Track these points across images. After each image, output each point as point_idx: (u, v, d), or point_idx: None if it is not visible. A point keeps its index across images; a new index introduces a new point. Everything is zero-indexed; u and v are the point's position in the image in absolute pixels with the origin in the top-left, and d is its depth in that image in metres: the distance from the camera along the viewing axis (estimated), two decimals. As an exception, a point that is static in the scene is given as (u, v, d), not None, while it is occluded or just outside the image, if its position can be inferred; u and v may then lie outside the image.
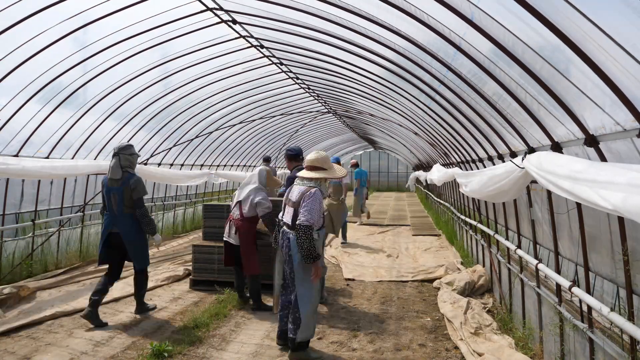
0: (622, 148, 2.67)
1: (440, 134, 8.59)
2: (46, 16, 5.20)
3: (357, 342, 4.79)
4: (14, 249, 7.00)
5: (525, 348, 4.38)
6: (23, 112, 6.35)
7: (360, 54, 6.85)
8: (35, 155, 7.05)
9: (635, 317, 2.77)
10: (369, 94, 9.91)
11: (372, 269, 8.13)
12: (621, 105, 2.38)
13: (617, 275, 3.01)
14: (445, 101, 6.09)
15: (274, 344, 4.69)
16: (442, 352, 4.57)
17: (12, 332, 4.83)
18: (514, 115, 4.13)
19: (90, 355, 4.33)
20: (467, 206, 8.92)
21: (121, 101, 8.01)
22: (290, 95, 12.40)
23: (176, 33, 6.73)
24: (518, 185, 3.58)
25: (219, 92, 9.94)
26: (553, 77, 3.13)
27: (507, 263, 5.54)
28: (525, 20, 2.90)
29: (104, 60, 6.72)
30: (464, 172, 5.79)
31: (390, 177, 35.41)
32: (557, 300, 3.87)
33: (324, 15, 5.64)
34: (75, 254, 8.15)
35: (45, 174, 6.46)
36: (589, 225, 3.32)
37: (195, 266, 6.71)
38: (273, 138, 16.52)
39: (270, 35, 7.46)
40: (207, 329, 5.01)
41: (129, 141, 9.08)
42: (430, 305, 6.11)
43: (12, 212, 7.17)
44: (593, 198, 2.13)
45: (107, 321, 5.19)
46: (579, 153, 3.18)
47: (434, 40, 4.70)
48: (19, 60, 5.61)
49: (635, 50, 2.17)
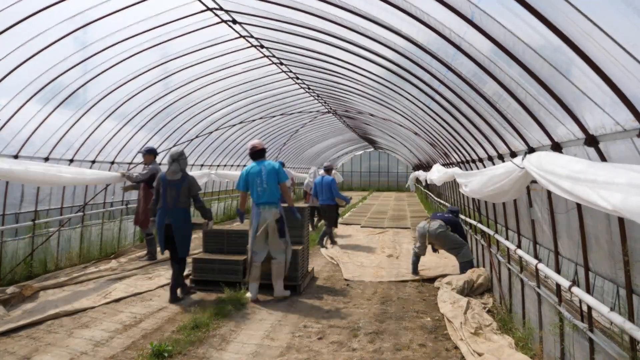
0: (622, 148, 2.67)
1: (440, 134, 8.59)
2: (46, 16, 5.20)
3: (357, 342, 4.79)
4: (14, 249, 7.00)
5: (525, 348, 4.38)
6: (23, 112, 6.35)
7: (360, 53, 6.85)
8: (35, 155, 7.05)
9: (635, 317, 2.77)
10: (369, 93, 9.91)
11: (372, 269, 8.12)
12: (621, 105, 2.38)
13: (617, 275, 3.01)
14: (445, 101, 6.09)
15: (274, 344, 4.69)
16: (442, 352, 4.57)
17: (12, 332, 4.83)
18: (514, 115, 4.13)
19: (90, 355, 4.33)
20: (467, 206, 8.92)
21: (121, 101, 8.01)
22: (290, 95, 12.40)
23: (176, 33, 6.73)
24: (518, 185, 3.58)
25: (219, 92, 9.94)
26: (553, 77, 3.13)
27: (507, 263, 5.54)
28: (526, 20, 2.90)
29: (104, 60, 6.72)
30: (464, 172, 5.79)
31: (390, 177, 35.43)
32: (557, 300, 3.87)
33: (324, 15, 5.64)
34: (76, 254, 8.15)
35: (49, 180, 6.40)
36: (589, 225, 3.32)
37: (196, 266, 6.72)
38: (273, 138, 16.53)
39: (270, 35, 7.46)
40: (207, 329, 5.01)
41: (129, 141, 9.09)
42: (430, 305, 6.11)
43: (12, 212, 7.16)
44: (593, 198, 2.13)
45: (107, 321, 5.19)
46: (578, 153, 3.18)
47: (434, 40, 4.70)
48: (19, 60, 5.61)
49: (635, 49, 2.17)
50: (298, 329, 5.14)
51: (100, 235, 8.92)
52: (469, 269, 7.00)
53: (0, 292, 5.82)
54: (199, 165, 12.75)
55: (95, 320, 5.30)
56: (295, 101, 13.12)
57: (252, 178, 6.04)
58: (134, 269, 7.70)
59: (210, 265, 6.66)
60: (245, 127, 13.21)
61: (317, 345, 4.69)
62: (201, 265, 6.68)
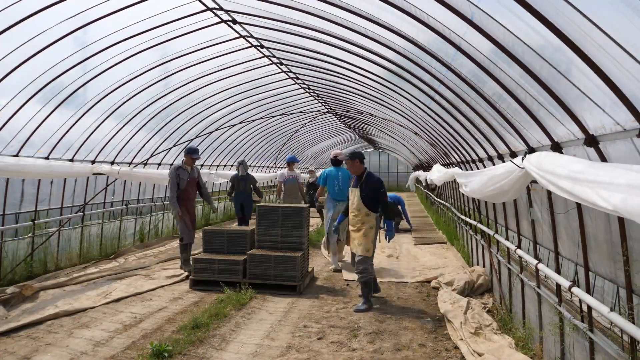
0: (622, 148, 2.67)
1: (440, 134, 8.59)
2: (46, 16, 5.19)
3: (357, 342, 4.79)
4: (14, 249, 7.00)
5: (525, 348, 4.38)
6: (23, 112, 6.35)
7: (360, 54, 6.85)
8: (35, 155, 7.05)
9: (635, 317, 2.77)
10: (369, 94, 9.91)
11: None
12: (621, 105, 2.38)
13: (617, 275, 3.01)
14: (445, 101, 6.09)
15: (274, 344, 4.69)
16: (442, 352, 4.57)
17: (12, 332, 4.83)
18: (514, 115, 4.13)
19: (90, 355, 4.33)
20: (467, 206, 8.92)
21: (121, 101, 8.00)
22: (290, 95, 12.40)
23: (176, 33, 6.73)
24: (518, 186, 3.57)
25: (219, 92, 9.94)
26: (553, 77, 3.13)
27: (507, 263, 5.54)
28: (526, 21, 2.90)
29: (104, 60, 6.71)
30: (464, 172, 5.78)
31: (390, 177, 35.43)
32: (557, 300, 3.87)
33: (324, 15, 5.64)
34: (76, 254, 8.15)
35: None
36: (589, 225, 3.32)
37: (196, 266, 6.72)
38: (273, 138, 16.52)
39: (270, 35, 7.46)
40: (207, 329, 5.01)
41: (129, 141, 9.09)
42: (430, 305, 6.11)
43: (12, 212, 7.16)
44: (593, 198, 2.13)
45: (107, 321, 5.19)
46: (578, 153, 3.18)
47: (434, 40, 4.70)
48: (19, 60, 5.61)
49: (635, 50, 2.17)
50: (298, 329, 5.14)
51: (100, 235, 8.92)
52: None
53: (0, 292, 5.82)
54: (199, 165, 12.74)
55: (95, 320, 5.30)
56: (295, 101, 13.11)
57: (331, 180, 7.89)
58: (135, 269, 7.70)
59: (210, 265, 6.66)
60: (245, 127, 13.21)
61: (317, 345, 4.69)
62: (202, 266, 6.68)
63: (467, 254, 8.66)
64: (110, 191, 9.36)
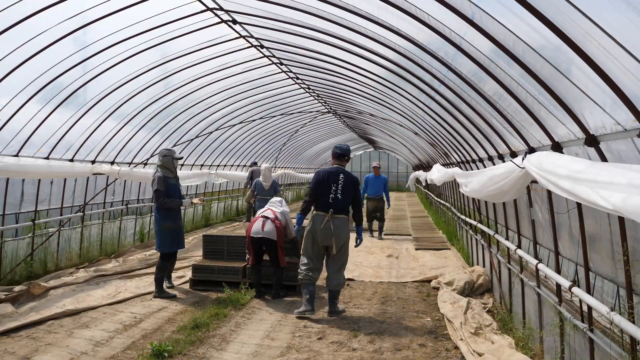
0: (623, 148, 2.67)
1: (440, 134, 8.59)
2: (46, 16, 5.18)
3: (357, 342, 4.79)
4: (14, 249, 6.99)
5: (526, 348, 4.38)
6: (23, 112, 6.34)
7: (360, 53, 6.85)
8: (35, 155, 7.05)
9: (635, 317, 2.76)
10: (369, 93, 9.91)
11: (372, 269, 8.12)
12: (622, 105, 2.38)
13: (617, 275, 3.01)
14: (446, 101, 6.09)
15: (274, 344, 4.69)
16: (442, 352, 4.57)
17: (12, 331, 4.83)
18: (514, 115, 4.13)
19: (90, 355, 4.32)
20: (467, 206, 8.91)
21: (121, 101, 8.00)
22: (290, 95, 12.39)
23: (176, 33, 6.73)
24: (518, 185, 3.57)
25: (219, 92, 9.93)
26: (553, 77, 3.13)
27: (507, 263, 5.54)
28: (526, 20, 2.90)
29: (104, 60, 6.71)
30: (464, 172, 5.78)
31: (390, 177, 35.32)
32: (557, 300, 3.87)
33: (324, 15, 5.64)
34: (76, 254, 8.15)
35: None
36: (589, 225, 3.31)
37: (196, 266, 6.71)
38: (273, 138, 16.52)
39: (270, 35, 7.46)
40: (207, 329, 5.01)
41: (129, 141, 9.09)
42: (430, 305, 6.11)
43: (12, 212, 7.16)
44: (593, 198, 2.13)
45: (107, 321, 5.20)
46: (579, 153, 3.18)
47: (434, 40, 4.70)
48: (19, 60, 5.60)
49: (635, 49, 2.17)
50: (298, 329, 5.14)
51: (100, 235, 8.92)
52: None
53: (8, 290, 5.85)
54: (198, 165, 12.74)
55: (95, 320, 5.30)
56: (295, 101, 13.11)
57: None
58: (135, 269, 7.70)
59: (210, 266, 6.65)
60: (245, 127, 13.20)
61: (317, 345, 4.68)
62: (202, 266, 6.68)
63: (467, 254, 8.66)
64: (110, 191, 9.35)
